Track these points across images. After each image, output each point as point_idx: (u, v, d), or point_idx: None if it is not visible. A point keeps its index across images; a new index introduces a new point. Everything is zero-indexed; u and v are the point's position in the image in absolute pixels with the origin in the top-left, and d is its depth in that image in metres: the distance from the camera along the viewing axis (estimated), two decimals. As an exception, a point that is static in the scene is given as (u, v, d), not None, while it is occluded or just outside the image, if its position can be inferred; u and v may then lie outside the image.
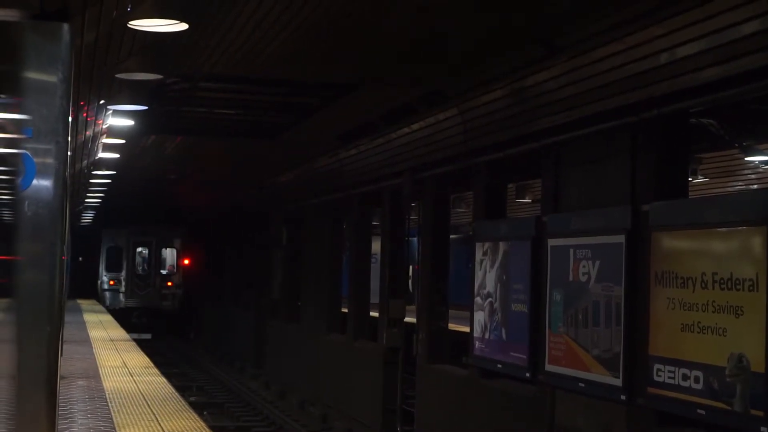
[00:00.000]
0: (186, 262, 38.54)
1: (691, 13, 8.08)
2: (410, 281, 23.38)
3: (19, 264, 4.79)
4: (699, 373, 8.43)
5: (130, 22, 7.95)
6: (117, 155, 17.19)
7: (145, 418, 8.30)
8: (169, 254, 38.18)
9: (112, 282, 36.89)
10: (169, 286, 37.17)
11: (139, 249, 37.55)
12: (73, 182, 17.82)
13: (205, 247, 37.65)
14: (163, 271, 37.69)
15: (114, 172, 20.44)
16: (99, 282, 38.20)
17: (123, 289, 36.92)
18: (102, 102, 11.35)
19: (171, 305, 36.79)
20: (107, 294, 37.30)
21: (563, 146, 10.96)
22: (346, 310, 19.92)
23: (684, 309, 8.64)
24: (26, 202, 4.79)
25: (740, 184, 17.18)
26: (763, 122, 11.61)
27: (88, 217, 36.26)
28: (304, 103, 15.13)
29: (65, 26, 4.85)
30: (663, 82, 8.78)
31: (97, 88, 10.21)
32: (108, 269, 37.61)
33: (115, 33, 8.09)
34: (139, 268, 37.33)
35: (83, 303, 30.83)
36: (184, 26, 8.37)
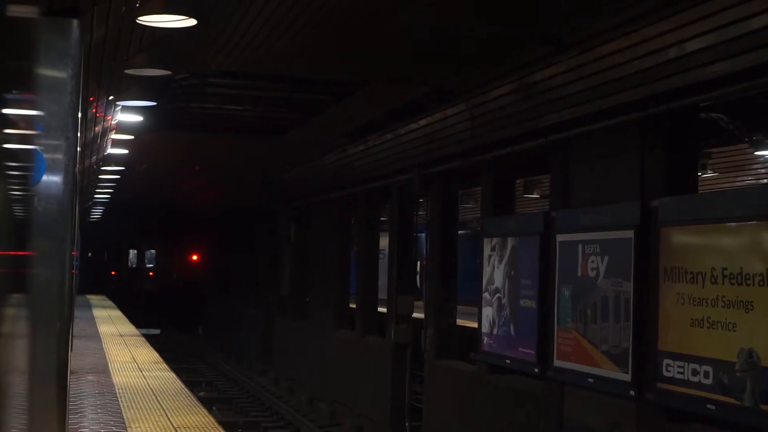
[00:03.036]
0: (163, 259, 52.50)
1: (699, 7, 8.06)
2: (418, 277, 23.37)
3: (30, 260, 4.79)
4: (709, 369, 8.42)
5: (139, 18, 7.96)
6: (126, 151, 17.21)
7: (154, 413, 8.31)
8: (153, 254, 54.51)
9: (113, 273, 52.92)
10: (151, 275, 52.98)
11: (131, 251, 54.26)
12: (82, 178, 17.84)
13: (203, 244, 45.46)
14: (150, 265, 54.00)
15: (123, 168, 20.45)
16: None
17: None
18: (111, 98, 11.36)
19: (150, 287, 51.72)
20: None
21: (572, 142, 10.94)
22: (354, 306, 19.92)
23: (693, 304, 8.63)
24: (36, 198, 4.79)
25: (750, 178, 17.14)
26: (773, 117, 11.57)
27: (97, 212, 36.87)
28: (312, 100, 15.13)
29: (75, 22, 4.85)
30: (672, 77, 8.76)
31: (106, 84, 10.22)
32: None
33: (125, 29, 8.10)
34: (132, 264, 54.60)
35: (92, 298, 30.89)
36: (192, 22, 8.37)
